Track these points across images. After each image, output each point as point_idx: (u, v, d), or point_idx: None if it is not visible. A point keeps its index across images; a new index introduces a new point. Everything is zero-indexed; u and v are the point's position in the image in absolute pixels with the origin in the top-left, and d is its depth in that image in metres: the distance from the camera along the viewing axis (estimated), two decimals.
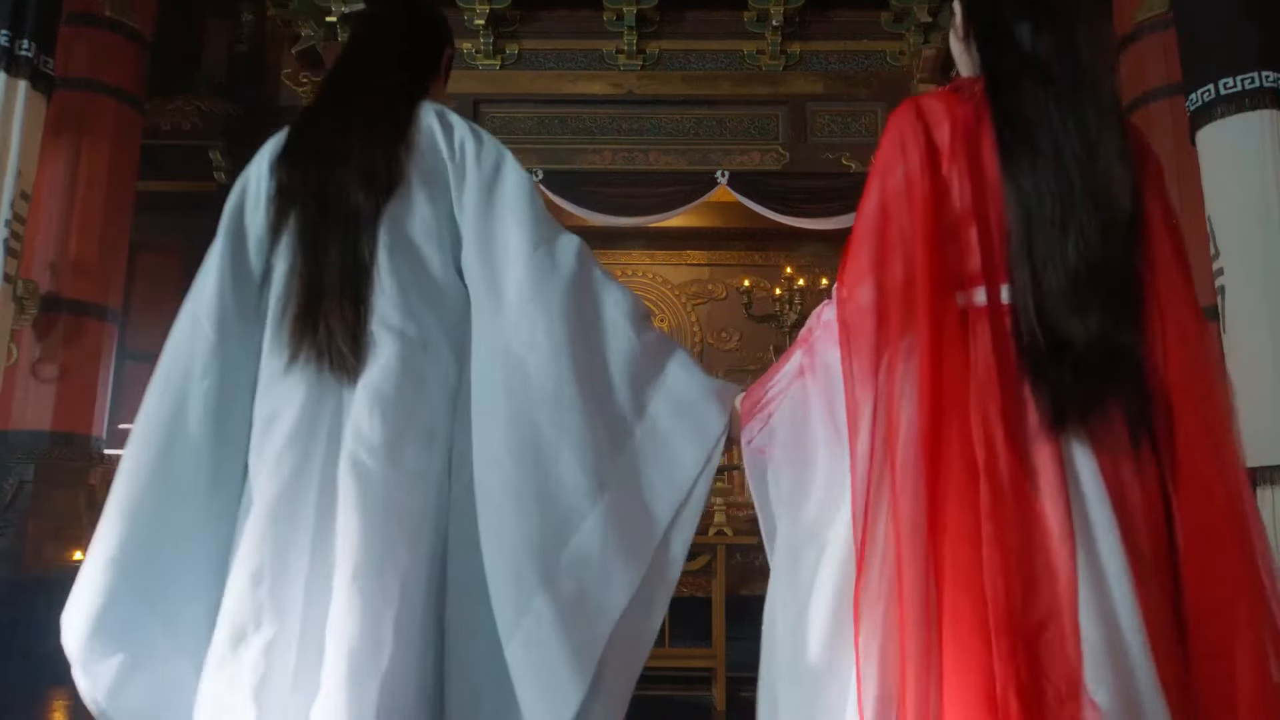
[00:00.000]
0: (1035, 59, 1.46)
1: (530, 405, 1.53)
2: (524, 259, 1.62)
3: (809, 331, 1.60)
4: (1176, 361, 1.37)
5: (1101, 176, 1.39)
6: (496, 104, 8.63)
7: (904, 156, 1.45)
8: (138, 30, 7.53)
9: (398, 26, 1.89)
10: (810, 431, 1.53)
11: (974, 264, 1.42)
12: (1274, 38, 5.65)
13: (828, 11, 8.59)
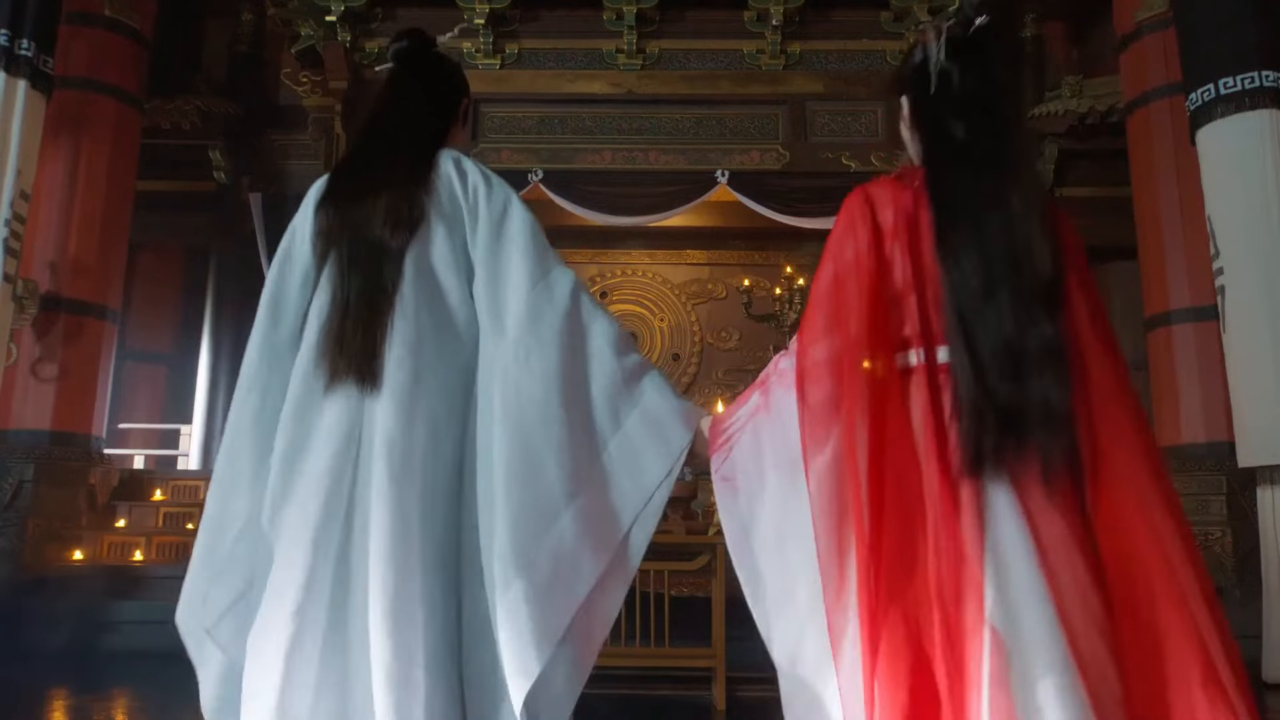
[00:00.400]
0: (967, 152, 1.69)
1: (523, 419, 1.82)
2: (524, 294, 1.90)
3: (766, 376, 1.83)
4: (1097, 414, 1.58)
5: (1023, 255, 1.60)
6: (496, 103, 8.62)
7: (854, 236, 1.70)
8: (137, 30, 7.53)
9: (420, 83, 2.14)
10: (763, 464, 1.78)
11: (912, 329, 1.65)
12: (1273, 38, 5.65)
13: (828, 11, 8.59)
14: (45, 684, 5.01)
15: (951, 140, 1.71)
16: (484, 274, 1.94)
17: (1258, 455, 5.41)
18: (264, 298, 2.04)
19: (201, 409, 8.99)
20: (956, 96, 1.72)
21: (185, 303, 10.05)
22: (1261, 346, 5.36)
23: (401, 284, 1.88)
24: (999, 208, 1.63)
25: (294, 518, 1.79)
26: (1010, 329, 1.58)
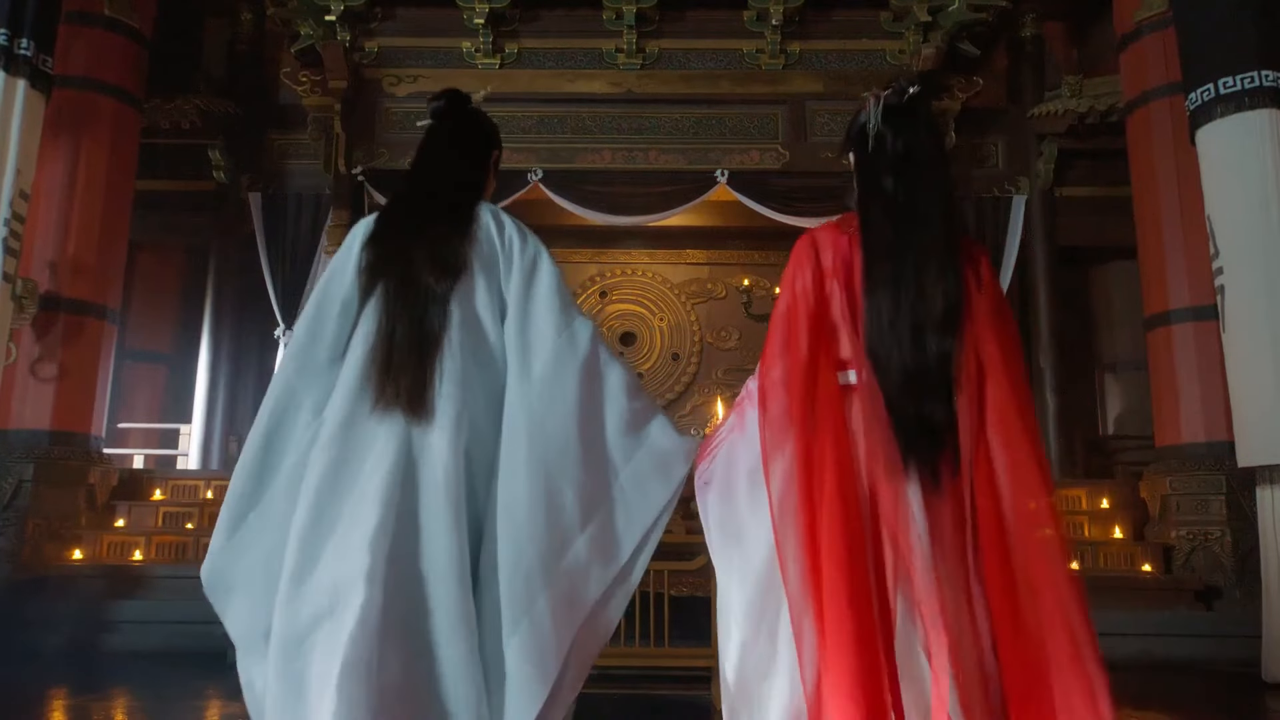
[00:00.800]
0: (894, 205, 2.01)
1: (546, 455, 2.08)
2: (549, 341, 2.17)
3: (740, 400, 2.13)
4: (991, 429, 1.89)
5: (926, 294, 1.93)
6: (496, 103, 8.47)
7: (802, 275, 2.03)
8: (137, 29, 7.54)
9: (456, 139, 2.38)
10: (737, 471, 2.08)
11: (849, 353, 1.99)
12: (1273, 37, 5.65)
13: (827, 10, 8.58)
14: (45, 684, 5.01)
15: (882, 194, 2.03)
16: (515, 318, 2.20)
17: (1257, 455, 5.41)
18: (304, 323, 2.25)
19: (201, 409, 8.98)
20: (889, 156, 2.04)
21: (184, 302, 10.05)
22: (1261, 346, 5.37)
23: (449, 327, 2.14)
24: (912, 253, 1.95)
25: (347, 531, 1.99)
26: (909, 357, 1.91)
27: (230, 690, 4.87)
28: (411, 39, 8.66)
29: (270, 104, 9.35)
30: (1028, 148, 9.14)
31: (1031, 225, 9.06)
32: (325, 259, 8.80)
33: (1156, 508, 6.87)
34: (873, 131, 2.06)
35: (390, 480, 2.00)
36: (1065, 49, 9.75)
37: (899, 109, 2.07)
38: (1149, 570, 6.60)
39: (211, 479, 7.56)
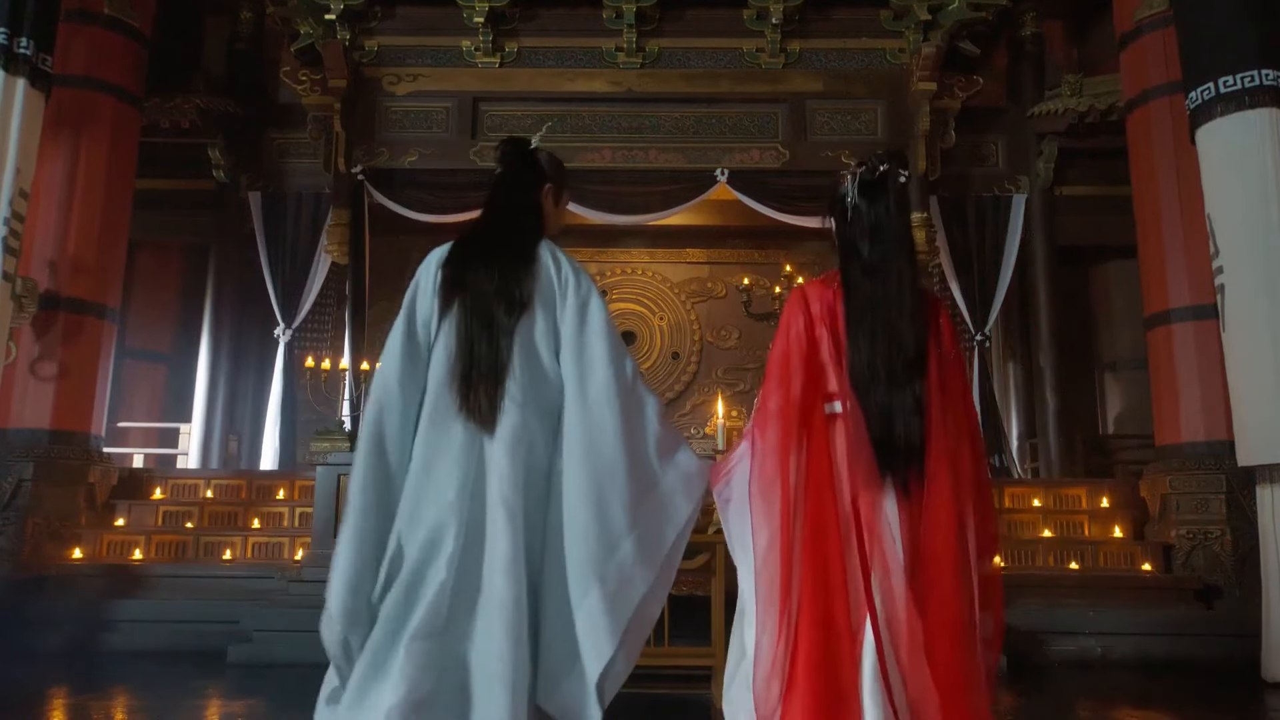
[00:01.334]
0: (868, 264, 2.45)
1: (597, 468, 2.46)
2: (603, 371, 2.54)
3: (750, 428, 2.51)
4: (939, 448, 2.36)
5: (895, 341, 2.38)
6: (496, 102, 8.62)
7: (795, 322, 2.48)
8: (136, 28, 7.53)
9: (515, 184, 2.76)
10: (747, 490, 2.45)
11: (834, 387, 2.44)
12: (1273, 36, 5.65)
13: (827, 9, 8.58)
14: (45, 683, 5.01)
15: (859, 256, 2.48)
16: (570, 350, 2.57)
17: (1257, 454, 5.41)
18: (397, 340, 2.61)
19: (201, 408, 8.98)
20: (863, 225, 2.48)
21: (184, 302, 10.06)
22: (1261, 345, 5.37)
23: (513, 355, 2.53)
24: (885, 306, 2.39)
25: (428, 520, 2.44)
26: (885, 390, 2.36)
27: (229, 689, 4.89)
28: (411, 37, 8.66)
29: (270, 103, 9.34)
30: (1028, 147, 9.14)
31: (1031, 224, 9.08)
32: (325, 258, 8.80)
33: (1156, 507, 6.86)
34: (850, 204, 2.51)
35: (462, 489, 2.46)
36: (1065, 48, 9.75)
37: (871, 184, 2.51)
38: (1149, 569, 6.60)
39: (211, 478, 7.55)
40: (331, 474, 6.08)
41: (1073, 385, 9.25)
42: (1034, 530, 7.03)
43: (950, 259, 8.89)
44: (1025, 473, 9.03)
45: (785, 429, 2.39)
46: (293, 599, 5.77)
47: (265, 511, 7.14)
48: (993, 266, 8.94)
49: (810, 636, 2.26)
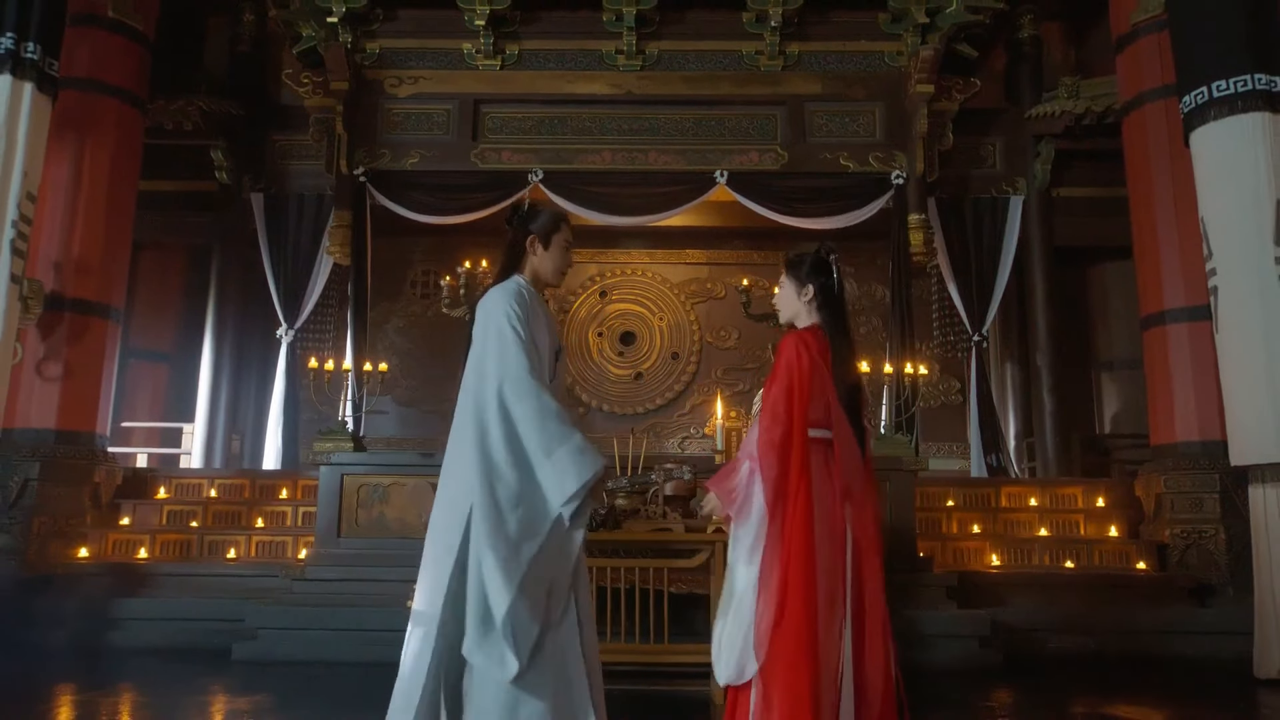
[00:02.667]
0: (838, 323, 3.10)
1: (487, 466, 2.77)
2: (488, 385, 2.88)
3: (751, 453, 2.96)
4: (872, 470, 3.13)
5: (854, 382, 3.10)
6: (497, 104, 8.67)
7: (800, 361, 2.95)
8: (140, 31, 7.60)
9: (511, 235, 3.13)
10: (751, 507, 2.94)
11: (821, 415, 2.97)
12: (1266, 40, 5.71)
13: (826, 12, 8.63)
14: (52, 680, 5.09)
15: (841, 318, 3.13)
16: (471, 366, 2.98)
17: (1249, 454, 5.48)
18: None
19: (204, 408, 9.05)
20: (839, 295, 3.15)
21: (186, 302, 10.13)
22: (1253, 347, 5.44)
23: (465, 369, 2.92)
24: (848, 356, 3.09)
25: None
26: (852, 423, 3.02)
27: (234, 685, 4.95)
28: (413, 40, 8.71)
29: (271, 105, 9.41)
30: (1025, 148, 9.21)
31: (1029, 225, 9.15)
32: (327, 259, 8.86)
33: (1151, 506, 6.93)
34: (837, 278, 3.13)
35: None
36: (1063, 49, 9.82)
37: (830, 265, 3.18)
38: (1143, 568, 6.67)
39: (215, 478, 7.62)
40: (335, 474, 6.15)
41: (1070, 385, 9.32)
42: (1030, 529, 7.10)
43: (948, 260, 8.96)
44: (1023, 472, 9.10)
45: (792, 455, 2.91)
46: (297, 597, 5.84)
47: (269, 510, 7.21)
48: (990, 267, 9.00)
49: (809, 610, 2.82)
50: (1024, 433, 9.33)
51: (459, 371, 2.99)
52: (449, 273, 8.58)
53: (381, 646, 5.39)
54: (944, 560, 6.70)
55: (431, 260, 10.14)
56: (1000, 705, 4.77)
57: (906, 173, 8.42)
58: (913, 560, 6.08)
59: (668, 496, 5.25)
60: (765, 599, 2.83)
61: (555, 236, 3.10)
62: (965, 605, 5.93)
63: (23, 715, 4.24)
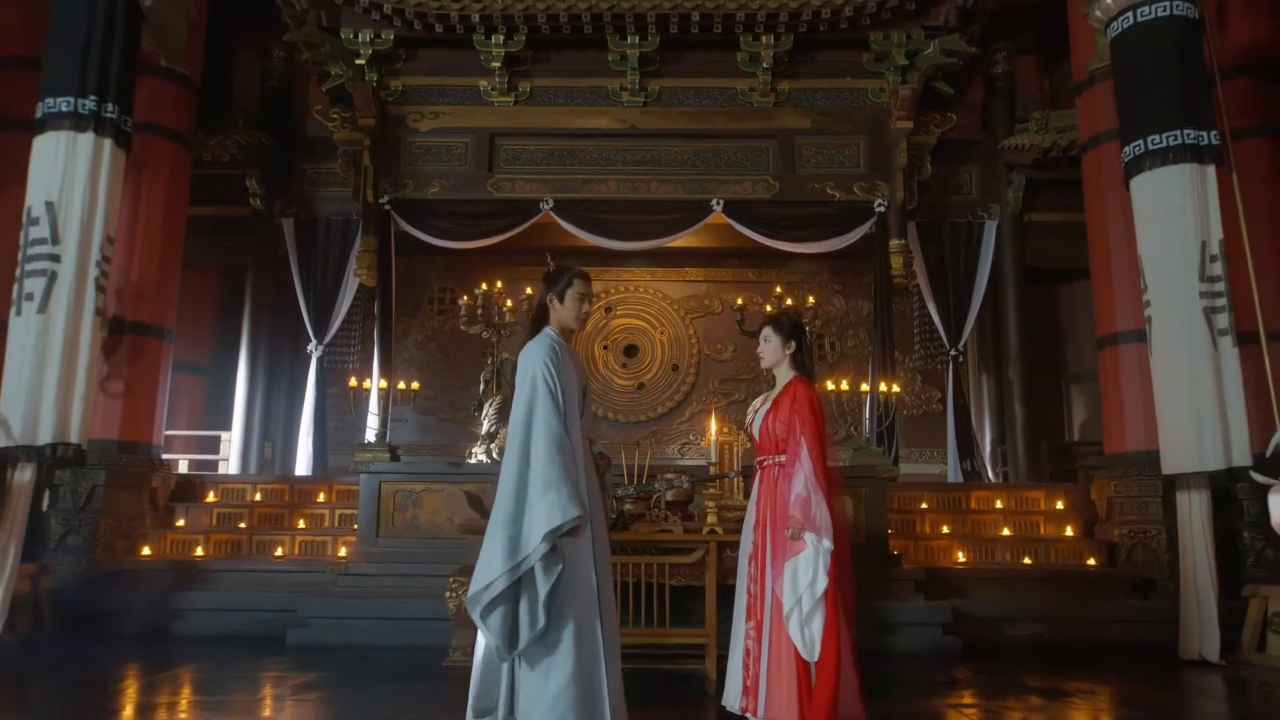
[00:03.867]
0: (810, 373, 4.24)
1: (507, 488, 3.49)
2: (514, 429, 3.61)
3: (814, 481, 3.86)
4: None
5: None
6: (511, 137, 9.51)
7: (820, 408, 3.99)
8: (187, 76, 8.44)
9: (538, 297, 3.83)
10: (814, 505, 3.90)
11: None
12: (1194, 100, 6.57)
13: (814, 52, 9.45)
14: (123, 663, 5.87)
15: (811, 370, 4.26)
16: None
17: (1176, 464, 6.35)
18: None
19: (240, 417, 9.90)
20: (810, 349, 4.20)
21: (221, 319, 10.97)
22: (1180, 372, 6.30)
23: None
24: None
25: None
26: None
27: (293, 665, 5.81)
28: (433, 78, 9.53)
29: (299, 135, 10.24)
30: (999, 176, 10.05)
31: (1002, 248, 9.99)
32: (353, 280, 9.70)
33: (1104, 508, 7.78)
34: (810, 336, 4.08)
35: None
36: (1036, 80, 10.66)
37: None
38: (1094, 564, 7.52)
39: (257, 483, 8.47)
40: (373, 481, 7.01)
41: (1040, 396, 10.17)
42: (995, 529, 7.95)
43: (927, 280, 9.81)
44: (997, 476, 9.95)
45: (831, 480, 3.91)
46: (342, 590, 6.70)
47: (308, 513, 8.06)
48: (966, 287, 9.86)
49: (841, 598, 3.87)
50: (998, 440, 10.18)
51: (473, 382, 3.99)
52: (464, 290, 9.48)
53: (417, 633, 6.30)
54: (916, 557, 7.56)
55: (447, 278, 10.99)
56: (955, 681, 5.62)
57: (888, 201, 9.27)
58: (885, 557, 6.92)
59: (669, 502, 6.11)
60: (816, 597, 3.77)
61: (569, 291, 3.75)
62: (931, 597, 6.77)
63: (108, 691, 5.07)
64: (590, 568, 3.48)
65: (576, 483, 3.44)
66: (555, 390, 3.52)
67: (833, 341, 11.00)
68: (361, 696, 4.93)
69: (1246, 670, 5.97)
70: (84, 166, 6.28)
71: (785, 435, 3.97)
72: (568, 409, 3.58)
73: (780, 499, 3.95)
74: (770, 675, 3.81)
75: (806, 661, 3.75)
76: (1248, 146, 7.56)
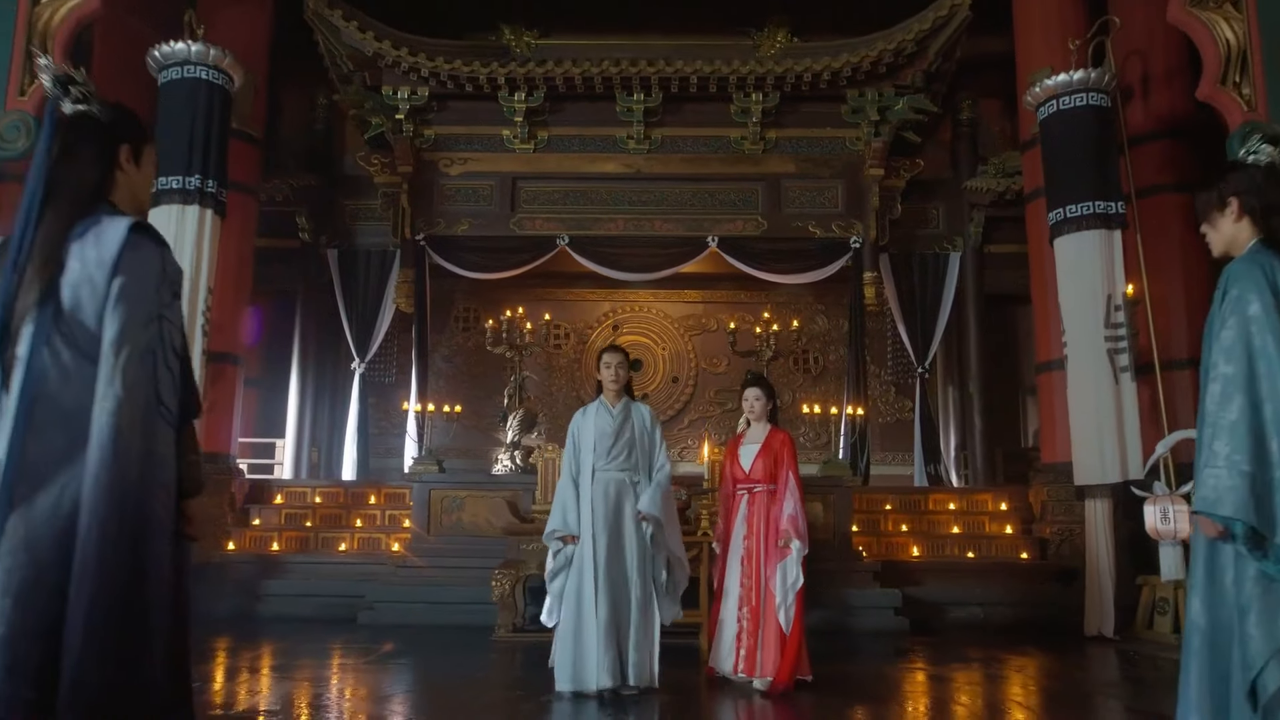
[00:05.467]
0: (777, 418, 6.04)
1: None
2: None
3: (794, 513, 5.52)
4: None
5: None
6: (530, 180, 11.03)
7: (795, 450, 5.83)
8: (253, 135, 9.94)
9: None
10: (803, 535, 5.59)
11: None
12: (1104, 175, 8.11)
13: (798, 105, 10.93)
14: (215, 638, 7.38)
15: (778, 418, 6.06)
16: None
17: (1084, 476, 7.94)
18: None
19: (292, 426, 11.48)
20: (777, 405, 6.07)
21: (273, 337, 12.51)
22: (1088, 400, 7.87)
23: None
24: None
25: None
26: None
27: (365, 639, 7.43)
28: (462, 128, 11.05)
29: (340, 174, 11.77)
30: (963, 213, 11.58)
31: (965, 276, 11.54)
32: (391, 305, 11.25)
33: (1039, 509, 9.35)
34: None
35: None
36: (999, 122, 12.16)
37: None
38: (1026, 557, 9.10)
39: (316, 487, 10.04)
40: (424, 489, 8.58)
41: (998, 407, 11.75)
42: (947, 528, 9.53)
43: (898, 306, 11.36)
44: (960, 479, 11.54)
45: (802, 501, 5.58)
46: (401, 578, 8.27)
47: (362, 513, 9.64)
48: (933, 312, 11.42)
49: None
50: (961, 445, 11.76)
51: (495, 392, 7.16)
52: (487, 311, 11.09)
53: (467, 615, 7.86)
54: (878, 552, 9.12)
55: (472, 299, 12.52)
56: (902, 651, 7.18)
57: (862, 238, 10.81)
58: (848, 552, 8.48)
59: None
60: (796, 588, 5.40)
61: (599, 364, 5.52)
62: (886, 585, 8.30)
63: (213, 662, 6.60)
64: (588, 562, 5.14)
65: (565, 510, 5.25)
66: (571, 447, 5.45)
67: (816, 356, 12.56)
68: (431, 661, 6.53)
69: (1137, 645, 7.53)
70: (191, 233, 7.83)
71: (775, 470, 5.58)
72: (580, 459, 5.37)
73: (771, 517, 5.53)
74: (764, 645, 5.35)
75: (784, 633, 5.31)
76: (1162, 201, 9.07)
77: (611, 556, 5.19)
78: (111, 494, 2.02)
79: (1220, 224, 2.83)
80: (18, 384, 2.08)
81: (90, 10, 7.67)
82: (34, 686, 1.97)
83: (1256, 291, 2.58)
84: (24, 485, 2.04)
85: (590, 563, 5.14)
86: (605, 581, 5.13)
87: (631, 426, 5.40)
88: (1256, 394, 2.54)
